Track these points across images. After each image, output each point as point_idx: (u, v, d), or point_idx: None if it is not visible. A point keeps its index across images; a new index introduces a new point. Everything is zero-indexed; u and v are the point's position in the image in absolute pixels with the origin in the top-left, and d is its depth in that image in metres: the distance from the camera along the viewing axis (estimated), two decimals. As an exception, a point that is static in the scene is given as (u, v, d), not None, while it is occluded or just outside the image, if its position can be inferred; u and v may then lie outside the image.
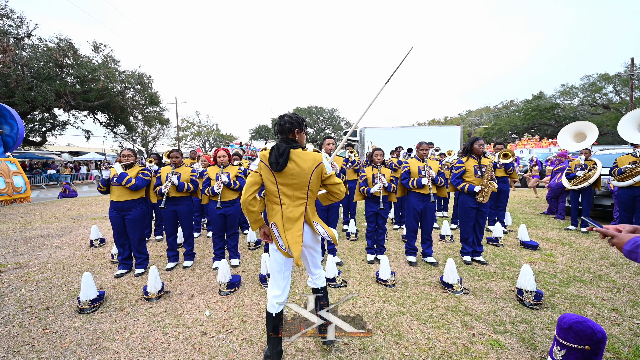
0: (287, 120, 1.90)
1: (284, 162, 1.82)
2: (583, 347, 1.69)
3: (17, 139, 9.77)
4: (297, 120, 1.93)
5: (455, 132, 14.08)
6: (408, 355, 2.09)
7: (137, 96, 22.05)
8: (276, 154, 1.84)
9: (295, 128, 1.92)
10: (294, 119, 1.92)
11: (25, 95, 15.34)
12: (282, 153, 1.83)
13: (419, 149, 3.85)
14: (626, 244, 1.19)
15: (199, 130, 39.54)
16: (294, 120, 1.91)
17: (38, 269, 3.91)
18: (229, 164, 3.87)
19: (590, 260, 3.82)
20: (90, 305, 2.75)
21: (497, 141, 7.18)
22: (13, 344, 2.30)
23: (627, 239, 1.19)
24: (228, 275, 3.09)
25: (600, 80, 29.30)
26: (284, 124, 1.90)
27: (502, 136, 36.32)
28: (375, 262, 3.91)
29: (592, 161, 5.32)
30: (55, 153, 26.56)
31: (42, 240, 5.37)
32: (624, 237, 1.21)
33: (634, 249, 1.15)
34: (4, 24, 15.73)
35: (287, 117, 1.91)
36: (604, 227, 1.29)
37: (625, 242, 1.19)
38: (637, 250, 1.14)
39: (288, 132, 1.91)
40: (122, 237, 3.65)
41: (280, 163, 1.82)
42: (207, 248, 4.71)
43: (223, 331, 2.42)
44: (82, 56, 18.19)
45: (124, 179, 3.46)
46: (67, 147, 35.31)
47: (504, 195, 5.33)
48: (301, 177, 1.87)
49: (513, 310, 2.63)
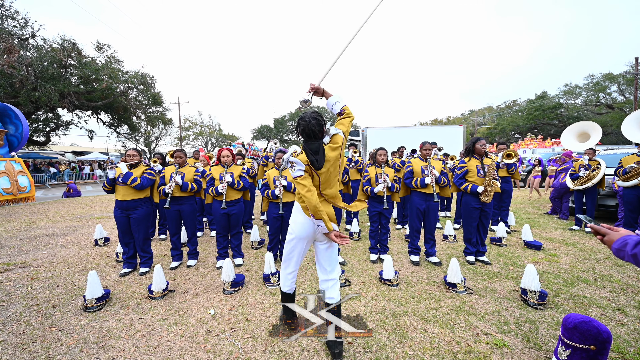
0: (315, 123, 1.94)
1: (321, 159, 1.94)
2: (588, 347, 1.68)
3: (22, 138, 9.84)
4: (322, 120, 2.00)
5: (457, 132, 14.05)
6: (412, 354, 2.09)
7: (140, 96, 22.14)
8: (312, 153, 1.94)
9: (324, 127, 2.00)
10: (320, 119, 1.97)
11: (29, 96, 15.45)
12: (317, 150, 1.94)
13: (422, 148, 3.86)
14: (615, 242, 1.18)
15: (202, 130, 39.62)
16: (321, 121, 1.98)
17: (44, 267, 3.95)
18: (233, 163, 3.89)
19: (595, 261, 3.81)
20: (96, 303, 2.77)
21: (500, 141, 7.16)
22: (20, 342, 2.32)
23: (616, 238, 1.19)
24: (232, 274, 3.10)
25: (605, 79, 29.08)
26: (314, 128, 1.94)
27: (505, 136, 36.12)
28: (378, 262, 3.91)
29: (596, 161, 5.29)
30: (59, 153, 26.76)
31: (47, 239, 5.42)
32: (614, 236, 1.20)
33: (622, 247, 1.14)
34: (9, 25, 15.83)
35: (313, 121, 1.94)
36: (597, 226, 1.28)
37: (614, 240, 1.19)
38: (625, 248, 1.13)
39: (319, 133, 1.97)
40: (126, 236, 3.67)
41: (318, 160, 1.93)
42: (210, 247, 4.73)
43: (227, 330, 2.43)
44: (85, 56, 18.29)
45: (129, 179, 3.49)
46: (70, 147, 35.56)
47: (507, 195, 5.32)
48: (334, 162, 2.03)
49: (517, 310, 2.63)
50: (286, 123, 42.15)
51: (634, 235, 1.15)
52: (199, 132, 39.34)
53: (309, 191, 1.88)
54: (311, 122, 1.93)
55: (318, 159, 1.92)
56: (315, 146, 1.93)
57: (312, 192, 1.89)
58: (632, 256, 1.11)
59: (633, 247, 1.11)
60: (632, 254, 1.11)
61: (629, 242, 1.13)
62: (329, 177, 2.04)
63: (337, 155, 2.02)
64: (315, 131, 1.94)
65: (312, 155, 1.93)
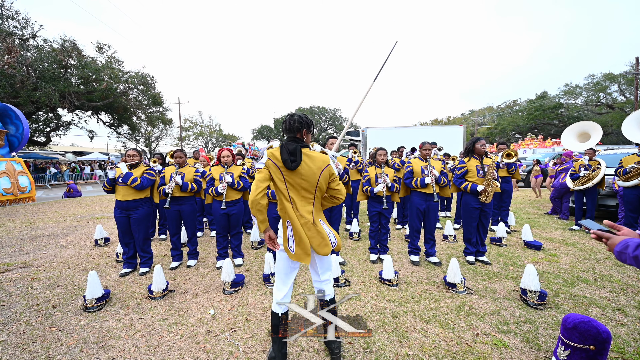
0: (297, 119, 1.90)
1: (298, 160, 1.83)
2: (588, 347, 1.68)
3: (22, 139, 9.86)
4: (307, 121, 1.94)
5: (458, 132, 14.05)
6: (412, 354, 2.09)
7: (140, 96, 22.18)
8: (288, 152, 1.84)
9: (304, 128, 1.92)
10: (303, 119, 1.92)
11: (30, 96, 15.48)
12: (294, 151, 1.83)
13: (422, 148, 3.86)
14: (616, 245, 1.18)
15: (202, 131, 39.66)
16: (304, 121, 1.92)
17: (44, 267, 3.95)
18: (233, 163, 3.89)
19: (595, 261, 3.80)
20: (96, 303, 2.78)
21: (500, 141, 7.16)
22: (21, 342, 2.33)
23: (618, 241, 1.18)
24: (232, 275, 3.11)
25: (605, 79, 29.07)
26: (294, 123, 1.89)
27: (505, 136, 36.10)
28: (378, 262, 3.91)
29: (596, 161, 5.29)
30: (59, 153, 26.79)
31: (48, 239, 5.42)
32: (616, 239, 1.20)
33: (623, 249, 1.14)
34: (9, 25, 15.86)
35: (297, 117, 1.91)
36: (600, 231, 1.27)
37: (616, 243, 1.19)
38: (626, 251, 1.13)
39: (297, 131, 1.91)
40: (127, 236, 3.68)
41: (295, 161, 1.82)
42: (210, 247, 4.73)
43: (227, 330, 2.44)
44: (86, 57, 18.32)
45: (129, 179, 3.49)
46: (71, 147, 35.60)
47: (507, 195, 5.32)
48: (311, 177, 1.88)
49: (517, 310, 2.63)
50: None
51: (635, 238, 1.15)
52: (199, 132, 39.37)
53: (256, 186, 1.84)
54: (294, 117, 1.91)
55: (294, 160, 1.82)
56: (293, 146, 1.84)
57: (256, 186, 1.84)
58: (634, 258, 1.11)
59: (634, 249, 1.11)
60: (633, 256, 1.11)
61: (630, 245, 1.13)
62: (299, 190, 1.89)
63: (314, 171, 1.87)
64: (294, 127, 1.89)
65: (288, 153, 1.84)
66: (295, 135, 1.93)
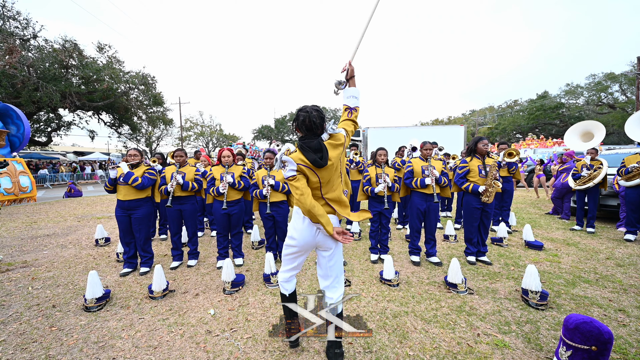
0: (317, 115, 1.81)
1: (325, 155, 1.79)
2: (590, 348, 1.67)
3: (24, 139, 9.83)
4: (323, 113, 1.88)
5: (458, 132, 14.01)
6: (412, 354, 2.09)
7: (141, 96, 22.16)
8: (313, 151, 1.78)
9: (325, 122, 1.86)
10: (321, 113, 1.84)
11: (31, 96, 15.49)
12: (320, 148, 1.79)
13: (423, 148, 3.84)
14: None
15: (203, 131, 39.65)
16: (322, 114, 1.85)
17: (44, 267, 3.96)
18: (233, 163, 3.89)
19: (596, 261, 3.79)
20: (96, 303, 2.78)
21: (501, 141, 7.14)
22: (21, 341, 2.32)
23: None
24: (232, 275, 3.10)
25: (606, 79, 28.98)
26: (316, 120, 1.80)
27: (506, 136, 36.03)
28: (379, 262, 3.90)
29: (598, 161, 5.27)
30: (60, 153, 26.86)
31: (48, 239, 5.43)
32: None
33: None
34: (11, 26, 15.89)
35: (314, 112, 1.81)
36: None
37: None
38: None
39: (320, 127, 1.84)
40: (127, 235, 3.68)
41: (323, 157, 1.79)
42: (210, 247, 4.73)
43: (227, 330, 2.43)
44: (87, 57, 18.33)
45: (130, 178, 3.50)
46: (72, 147, 35.66)
47: (508, 195, 5.30)
48: (336, 161, 1.89)
49: (518, 311, 2.62)
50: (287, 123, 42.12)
51: None
52: (200, 132, 39.37)
53: (302, 194, 1.74)
54: (312, 114, 1.79)
55: (322, 156, 1.76)
56: (315, 143, 1.77)
57: (305, 196, 1.74)
58: None
59: None
60: None
61: None
62: (330, 178, 1.87)
63: (338, 154, 1.87)
64: (317, 123, 1.80)
65: (313, 152, 1.77)
66: (317, 132, 1.84)
